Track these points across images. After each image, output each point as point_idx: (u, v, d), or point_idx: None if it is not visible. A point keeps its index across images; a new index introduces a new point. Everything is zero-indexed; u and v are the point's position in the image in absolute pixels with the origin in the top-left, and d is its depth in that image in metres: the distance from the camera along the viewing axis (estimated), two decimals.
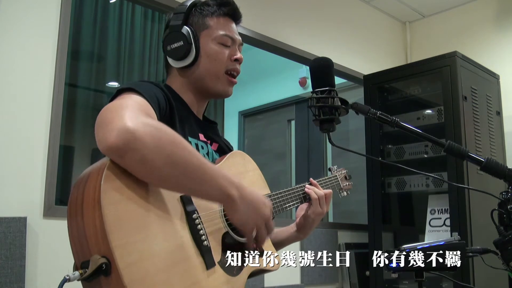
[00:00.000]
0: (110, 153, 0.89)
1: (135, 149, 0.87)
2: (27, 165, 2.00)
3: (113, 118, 0.90)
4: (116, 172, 0.90)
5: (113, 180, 0.89)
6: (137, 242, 0.89)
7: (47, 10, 2.16)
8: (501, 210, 1.04)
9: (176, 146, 0.93)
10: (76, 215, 0.89)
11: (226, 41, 1.29)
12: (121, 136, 0.87)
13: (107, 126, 0.89)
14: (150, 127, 0.90)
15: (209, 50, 1.27)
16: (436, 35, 4.08)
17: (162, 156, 0.90)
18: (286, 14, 3.31)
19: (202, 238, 1.04)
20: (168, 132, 0.93)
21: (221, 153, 1.35)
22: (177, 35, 1.26)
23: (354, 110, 1.18)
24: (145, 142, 0.88)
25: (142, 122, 0.90)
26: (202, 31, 1.28)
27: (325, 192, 1.43)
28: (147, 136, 0.88)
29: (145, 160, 0.89)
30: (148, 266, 0.89)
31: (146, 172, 0.91)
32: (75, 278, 0.85)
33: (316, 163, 4.26)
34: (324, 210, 1.41)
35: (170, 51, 1.27)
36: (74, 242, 0.90)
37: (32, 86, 2.07)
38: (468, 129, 2.84)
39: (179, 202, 1.03)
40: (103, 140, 0.88)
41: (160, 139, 0.90)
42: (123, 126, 0.88)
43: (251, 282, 2.64)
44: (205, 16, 1.29)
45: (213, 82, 1.29)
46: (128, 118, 0.89)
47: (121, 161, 0.89)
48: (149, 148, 0.88)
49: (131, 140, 0.87)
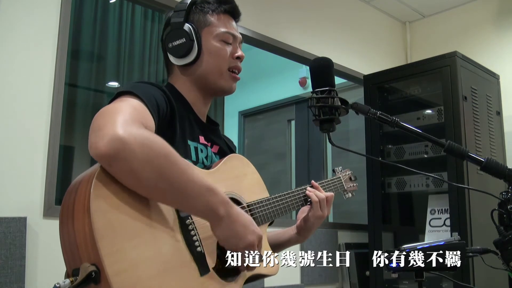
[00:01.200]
0: (99, 159, 0.89)
1: (124, 159, 0.87)
2: (27, 165, 2.00)
3: (105, 124, 0.89)
4: (106, 179, 0.89)
5: (103, 187, 0.88)
6: (127, 249, 0.88)
7: (47, 10, 2.16)
8: (501, 210, 1.04)
9: (166, 159, 0.92)
10: (67, 222, 0.88)
11: (227, 38, 1.28)
12: (111, 144, 0.86)
13: (98, 131, 0.89)
14: (142, 138, 0.89)
15: (211, 47, 1.26)
16: (436, 35, 4.08)
17: (150, 168, 0.89)
18: (286, 14, 3.31)
19: (195, 244, 1.03)
20: (159, 144, 0.92)
21: (221, 156, 1.34)
22: (179, 32, 1.24)
23: (354, 110, 1.18)
24: (135, 153, 0.87)
25: (133, 131, 0.89)
26: (203, 28, 1.27)
27: (326, 195, 1.40)
28: (137, 147, 0.88)
29: (134, 171, 0.88)
30: (139, 273, 0.88)
31: (133, 182, 0.91)
32: (65, 286, 0.85)
33: (316, 163, 4.26)
34: (325, 213, 1.38)
35: (172, 49, 1.26)
36: (65, 249, 0.89)
37: (32, 86, 2.07)
38: (468, 129, 2.84)
39: (172, 208, 1.02)
40: (94, 146, 0.88)
41: (150, 151, 0.90)
42: (115, 134, 0.87)
43: (251, 283, 2.63)
44: (206, 13, 1.28)
45: (216, 78, 1.28)
46: (120, 126, 0.88)
47: (110, 169, 0.89)
48: (138, 159, 0.88)
49: (121, 149, 0.86)
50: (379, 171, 3.17)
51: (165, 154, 0.92)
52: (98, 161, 0.90)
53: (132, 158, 0.87)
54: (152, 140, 0.92)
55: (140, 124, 0.94)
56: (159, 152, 0.91)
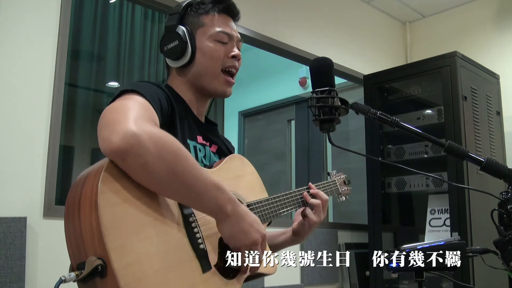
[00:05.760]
0: (112, 154, 0.90)
1: (139, 154, 0.89)
2: (27, 165, 2.00)
3: (118, 119, 0.91)
4: (114, 174, 0.90)
5: (111, 181, 0.89)
6: (133, 244, 0.89)
7: (47, 10, 2.16)
8: (501, 210, 1.04)
9: (178, 157, 0.94)
10: (73, 216, 0.89)
11: (222, 38, 1.28)
12: (126, 139, 0.88)
13: (112, 127, 0.90)
14: (155, 135, 0.92)
15: (205, 48, 1.26)
16: (436, 35, 4.08)
17: (163, 164, 0.92)
18: (286, 14, 3.31)
19: (198, 242, 1.04)
20: (172, 142, 0.95)
21: (220, 155, 1.35)
22: (172, 35, 1.25)
23: (354, 110, 1.18)
24: (149, 149, 0.89)
25: (147, 128, 0.91)
26: (197, 29, 1.27)
27: (322, 199, 1.40)
28: (151, 143, 0.90)
29: (147, 166, 0.90)
30: (144, 268, 0.89)
31: (146, 177, 0.92)
32: (71, 279, 0.85)
33: (316, 163, 4.26)
34: (321, 218, 1.39)
35: (167, 51, 1.27)
36: (70, 243, 0.90)
37: (32, 86, 2.07)
38: (468, 129, 2.84)
39: (176, 205, 1.03)
40: (108, 141, 0.89)
41: (164, 147, 0.92)
42: (129, 129, 0.89)
43: (251, 282, 2.64)
44: (200, 15, 1.28)
45: (210, 80, 1.28)
46: (134, 122, 0.91)
47: (123, 163, 0.90)
48: (152, 155, 0.90)
49: (135, 145, 0.88)
50: (379, 171, 3.17)
51: (176, 151, 0.95)
52: (110, 156, 0.90)
53: (146, 153, 0.89)
54: (164, 137, 0.94)
55: (152, 121, 0.97)
56: (171, 149, 0.94)
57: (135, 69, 3.40)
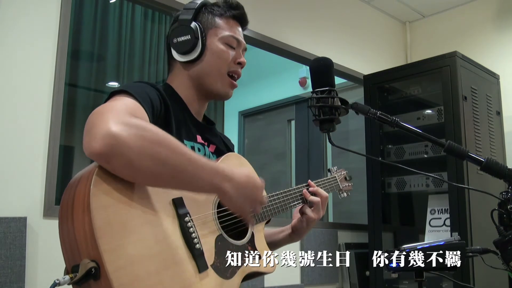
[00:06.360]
0: (96, 159, 0.89)
1: (121, 154, 0.87)
2: (27, 165, 2.00)
3: (97, 123, 0.90)
4: (106, 176, 0.90)
5: (103, 183, 0.89)
6: (126, 246, 0.88)
7: (47, 10, 2.16)
8: (501, 210, 1.04)
9: (160, 145, 0.92)
10: (66, 219, 0.89)
11: (232, 42, 1.30)
12: (104, 141, 0.86)
13: (91, 131, 0.89)
14: (133, 128, 0.89)
15: (215, 48, 1.28)
16: (436, 35, 4.08)
17: (147, 157, 0.90)
18: (286, 14, 3.31)
19: (194, 241, 1.04)
20: (152, 130, 0.93)
21: (218, 155, 1.35)
22: (185, 29, 1.26)
23: (354, 110, 1.18)
24: (129, 145, 0.87)
25: (124, 124, 0.89)
26: (210, 29, 1.29)
27: (321, 196, 1.42)
28: (130, 139, 0.88)
29: (131, 163, 0.89)
30: (138, 270, 0.89)
31: (133, 174, 0.91)
32: (65, 282, 0.86)
33: (316, 163, 4.27)
34: (320, 215, 1.40)
35: (176, 44, 1.27)
36: (65, 246, 0.90)
37: (32, 86, 2.07)
38: (468, 129, 2.84)
39: (171, 205, 1.03)
40: (88, 147, 0.88)
41: (143, 140, 0.89)
42: (106, 131, 0.87)
43: (251, 282, 2.64)
44: (214, 16, 1.30)
45: (215, 80, 1.29)
46: (112, 122, 0.88)
47: (108, 166, 0.89)
48: (133, 151, 0.88)
49: (115, 144, 0.87)
50: (379, 171, 3.17)
51: (158, 139, 0.92)
52: (95, 160, 0.90)
53: (128, 151, 0.87)
54: (144, 127, 0.92)
55: (130, 115, 0.94)
56: (152, 138, 0.91)
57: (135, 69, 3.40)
